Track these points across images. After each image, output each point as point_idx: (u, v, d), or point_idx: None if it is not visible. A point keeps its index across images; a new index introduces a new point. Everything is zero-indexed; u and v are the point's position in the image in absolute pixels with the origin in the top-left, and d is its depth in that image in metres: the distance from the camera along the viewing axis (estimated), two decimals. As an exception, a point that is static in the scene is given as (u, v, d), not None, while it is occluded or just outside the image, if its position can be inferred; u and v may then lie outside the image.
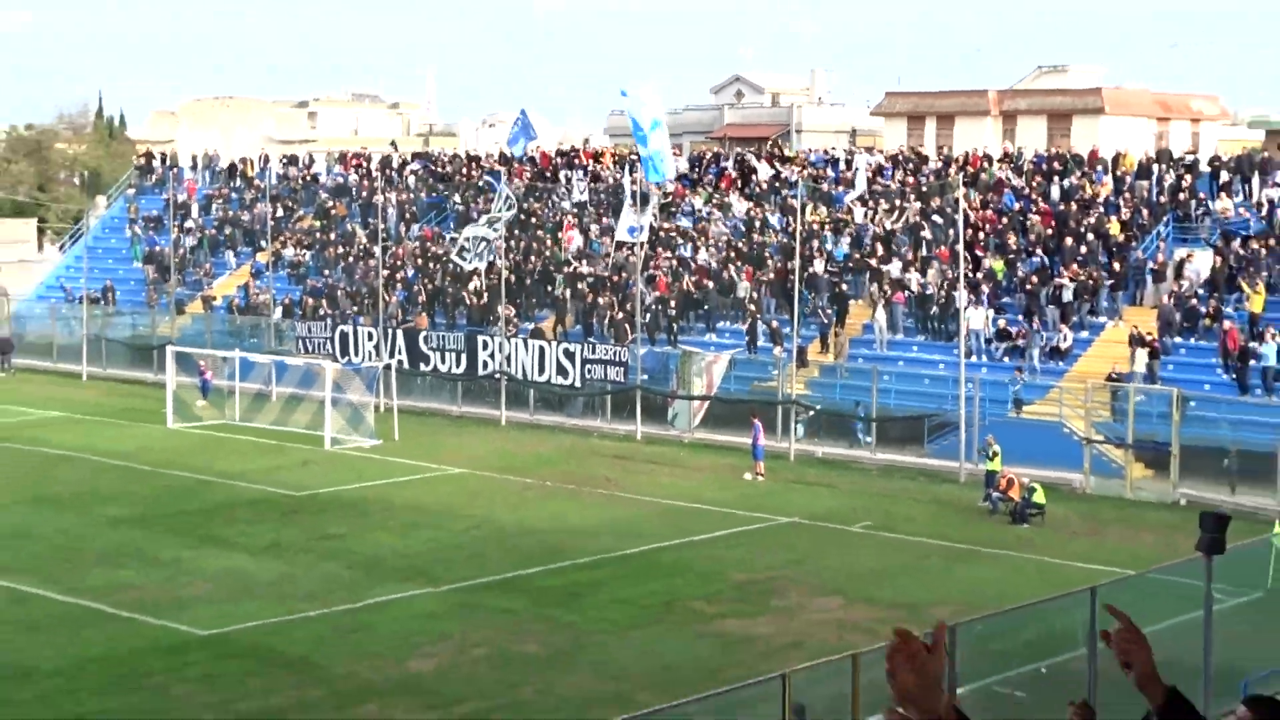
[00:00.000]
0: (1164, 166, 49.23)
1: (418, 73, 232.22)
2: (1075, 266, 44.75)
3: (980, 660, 19.12)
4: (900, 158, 56.34)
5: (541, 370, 47.87)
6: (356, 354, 50.36)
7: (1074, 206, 47.76)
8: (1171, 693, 5.00)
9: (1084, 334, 43.26)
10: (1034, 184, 50.01)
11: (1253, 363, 39.32)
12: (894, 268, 47.68)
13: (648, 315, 48.38)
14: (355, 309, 54.99)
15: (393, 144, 74.99)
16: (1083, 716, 6.20)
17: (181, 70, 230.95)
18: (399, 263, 56.60)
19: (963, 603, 24.36)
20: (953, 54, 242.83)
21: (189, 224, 65.38)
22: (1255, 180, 46.83)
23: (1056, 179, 49.89)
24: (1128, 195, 47.81)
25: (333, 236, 61.00)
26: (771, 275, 48.82)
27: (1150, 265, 44.37)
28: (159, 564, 29.03)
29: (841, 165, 55.85)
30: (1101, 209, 47.28)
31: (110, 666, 23.01)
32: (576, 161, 60.86)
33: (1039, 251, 46.16)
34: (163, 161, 73.01)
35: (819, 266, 48.57)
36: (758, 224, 52.46)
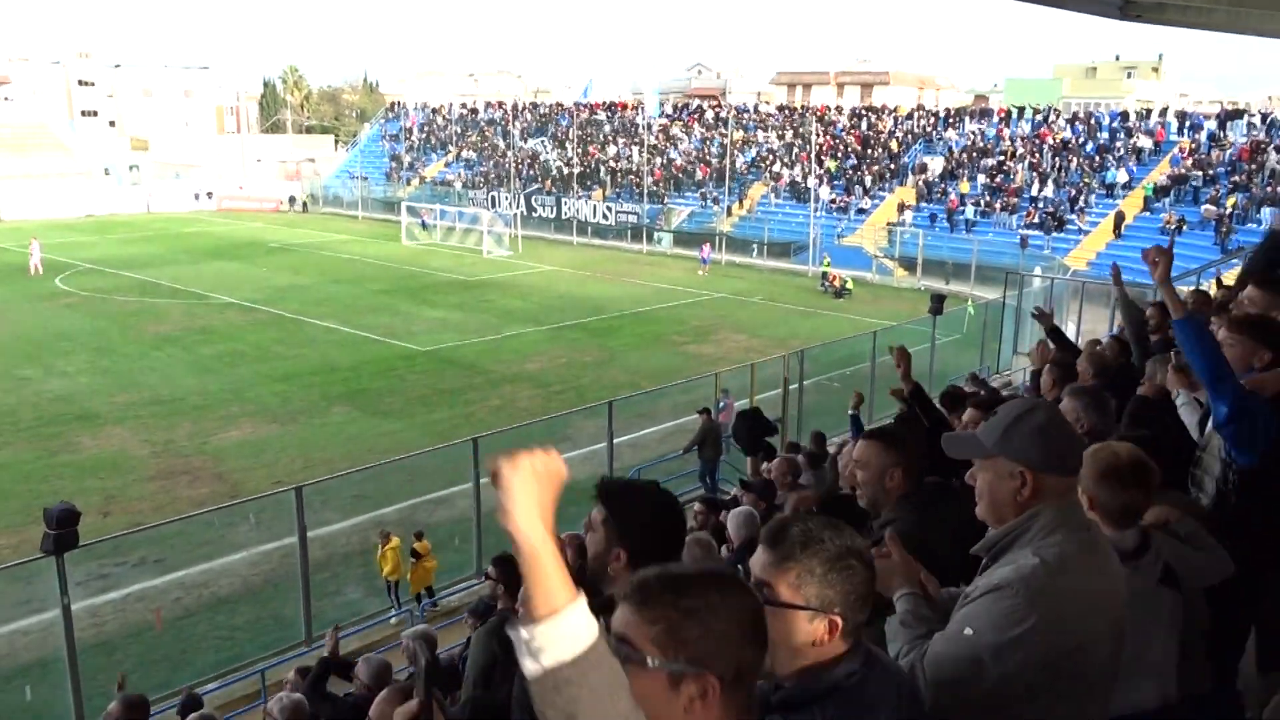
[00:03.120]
0: (920, 113, 47.38)
1: (535, 55, 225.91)
2: (873, 165, 43.49)
3: (816, 368, 18.97)
4: (783, 106, 54.40)
5: (594, 215, 46.84)
6: (499, 205, 49.23)
7: (873, 134, 46.05)
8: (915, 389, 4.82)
9: (876, 201, 41.93)
10: (852, 121, 48.12)
11: (959, 217, 38.43)
12: (777, 165, 46.23)
13: (651, 187, 46.97)
14: (498, 182, 53.55)
15: (516, 100, 72.29)
16: (901, 354, 5.19)
17: (408, 54, 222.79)
18: (521, 160, 54.90)
19: (809, 338, 24.11)
20: (814, 49, 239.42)
21: (411, 138, 63.48)
22: (966, 120, 45.17)
23: (864, 119, 48.03)
24: (901, 128, 46.04)
25: (486, 146, 59.02)
26: (714, 168, 47.31)
27: (911, 165, 42.94)
28: (399, 313, 28.75)
29: (753, 111, 53.68)
30: (887, 135, 45.61)
31: (375, 364, 22.95)
32: (613, 107, 58.62)
33: (854, 157, 44.67)
34: (398, 105, 70.55)
35: (739, 164, 47.06)
36: (708, 142, 50.70)
